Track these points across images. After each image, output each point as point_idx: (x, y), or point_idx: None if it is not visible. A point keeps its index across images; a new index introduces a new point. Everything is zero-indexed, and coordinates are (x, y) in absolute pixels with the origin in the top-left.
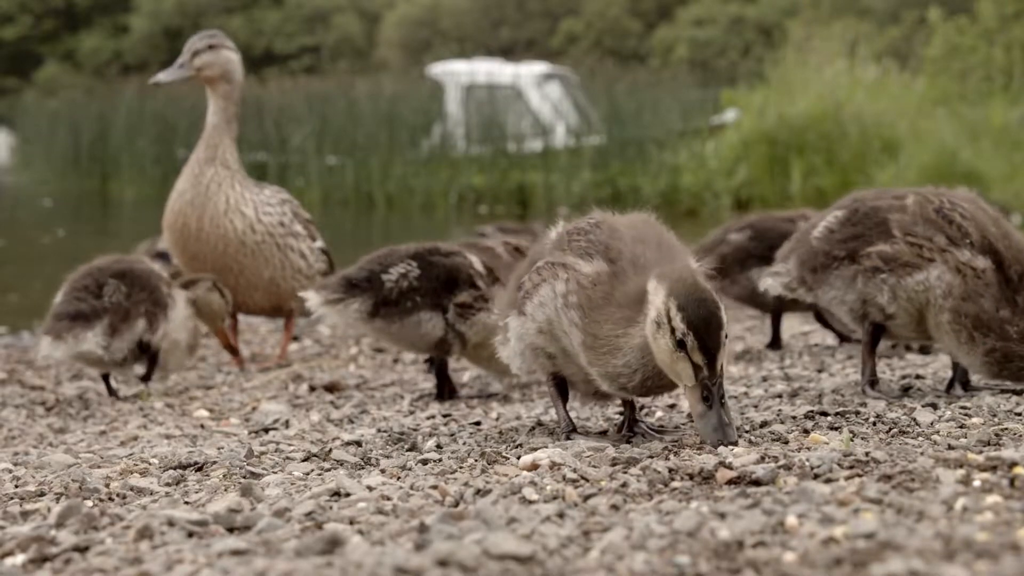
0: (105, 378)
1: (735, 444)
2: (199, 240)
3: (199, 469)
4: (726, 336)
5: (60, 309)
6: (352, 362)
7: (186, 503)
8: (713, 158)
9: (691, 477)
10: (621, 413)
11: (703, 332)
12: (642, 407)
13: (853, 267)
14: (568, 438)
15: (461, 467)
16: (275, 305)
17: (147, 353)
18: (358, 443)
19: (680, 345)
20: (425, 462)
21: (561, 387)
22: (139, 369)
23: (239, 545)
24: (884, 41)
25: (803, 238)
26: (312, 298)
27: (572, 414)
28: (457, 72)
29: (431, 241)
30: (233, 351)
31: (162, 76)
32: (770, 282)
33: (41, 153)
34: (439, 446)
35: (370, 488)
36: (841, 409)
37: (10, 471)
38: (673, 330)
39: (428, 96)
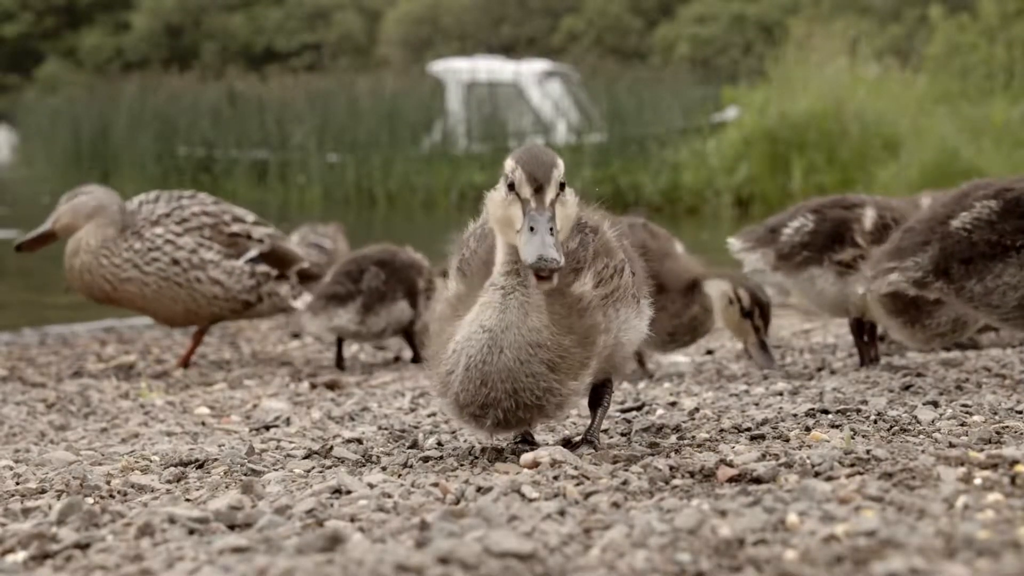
0: (338, 344)
1: (557, 263)
2: (110, 300)
3: (200, 466)
4: (560, 175)
5: (322, 290)
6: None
7: (187, 500)
8: (714, 156)
9: (692, 475)
10: (626, 410)
11: (529, 165)
12: (641, 406)
13: None
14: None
15: (462, 465)
16: (203, 321)
17: (407, 334)
18: (359, 440)
19: (511, 187)
20: (426, 460)
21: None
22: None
23: (240, 542)
24: (885, 39)
25: (936, 229)
26: (733, 244)
27: (573, 411)
28: (458, 70)
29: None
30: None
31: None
32: (896, 278)
33: (42, 150)
34: (440, 443)
35: (371, 486)
36: (842, 407)
37: (11, 468)
38: (505, 177)
39: (429, 94)
